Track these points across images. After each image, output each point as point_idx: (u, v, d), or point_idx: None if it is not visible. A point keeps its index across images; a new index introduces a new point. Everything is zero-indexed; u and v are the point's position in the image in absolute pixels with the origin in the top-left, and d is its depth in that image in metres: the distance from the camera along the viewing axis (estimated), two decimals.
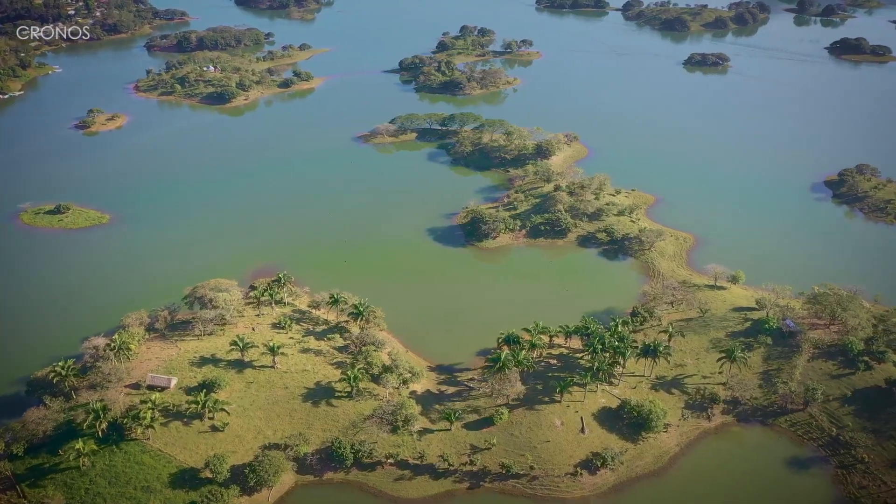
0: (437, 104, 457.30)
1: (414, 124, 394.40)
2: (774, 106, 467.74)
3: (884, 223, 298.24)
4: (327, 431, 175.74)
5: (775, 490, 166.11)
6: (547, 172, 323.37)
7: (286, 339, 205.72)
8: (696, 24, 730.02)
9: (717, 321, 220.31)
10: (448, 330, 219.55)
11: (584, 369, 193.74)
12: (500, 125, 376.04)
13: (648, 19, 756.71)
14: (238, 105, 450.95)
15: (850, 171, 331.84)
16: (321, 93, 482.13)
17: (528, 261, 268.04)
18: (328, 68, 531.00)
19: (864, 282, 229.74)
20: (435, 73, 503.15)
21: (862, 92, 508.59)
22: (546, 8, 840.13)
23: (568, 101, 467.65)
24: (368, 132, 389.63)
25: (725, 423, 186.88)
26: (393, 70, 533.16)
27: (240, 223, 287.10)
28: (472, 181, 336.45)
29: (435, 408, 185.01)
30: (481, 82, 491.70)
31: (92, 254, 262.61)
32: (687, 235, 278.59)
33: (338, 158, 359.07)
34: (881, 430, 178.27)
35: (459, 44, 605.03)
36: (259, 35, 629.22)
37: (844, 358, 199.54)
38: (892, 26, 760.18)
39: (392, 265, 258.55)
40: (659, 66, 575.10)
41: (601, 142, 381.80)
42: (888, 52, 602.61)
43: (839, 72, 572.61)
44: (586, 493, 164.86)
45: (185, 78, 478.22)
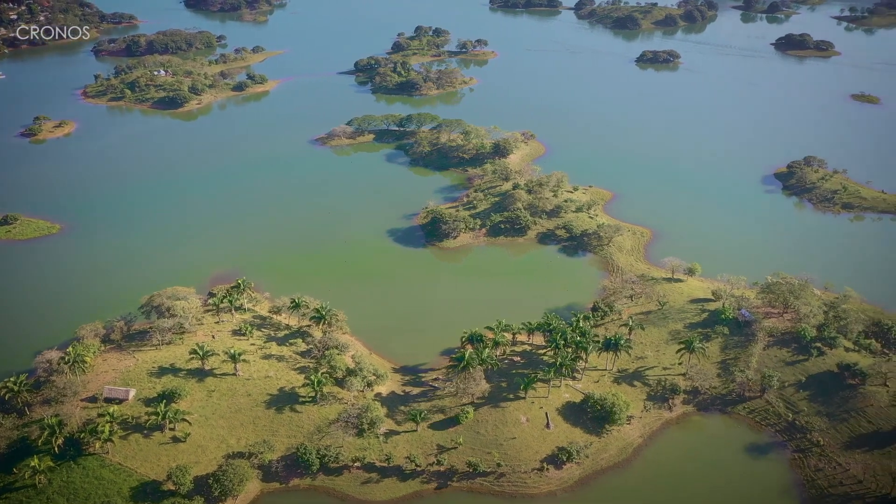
0: (394, 105, 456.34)
1: (371, 126, 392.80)
2: (724, 101, 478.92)
3: (831, 213, 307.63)
4: (292, 437, 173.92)
5: (736, 476, 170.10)
6: (505, 171, 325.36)
7: (247, 345, 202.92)
8: (646, 22, 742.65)
9: (675, 313, 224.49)
10: (411, 331, 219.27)
11: (547, 365, 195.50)
12: (457, 125, 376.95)
13: (600, 18, 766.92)
14: (191, 109, 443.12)
15: (799, 163, 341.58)
16: (276, 95, 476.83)
17: (489, 259, 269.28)
18: (283, 71, 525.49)
19: (815, 270, 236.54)
20: (391, 73, 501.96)
21: (808, 86, 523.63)
22: (500, 7, 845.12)
23: (524, 99, 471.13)
24: (325, 134, 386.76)
25: (686, 412, 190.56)
26: (348, 71, 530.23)
27: (196, 230, 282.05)
28: (430, 181, 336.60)
29: (400, 409, 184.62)
30: (437, 82, 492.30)
31: (43, 265, 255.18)
32: (644, 230, 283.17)
33: (295, 162, 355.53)
34: (834, 413, 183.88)
35: (415, 44, 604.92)
36: (211, 38, 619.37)
37: (798, 345, 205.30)
38: (834, 22, 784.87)
39: (353, 268, 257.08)
40: (612, 64, 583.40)
41: (558, 139, 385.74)
42: (831, 47, 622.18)
43: (785, 67, 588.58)
44: (553, 487, 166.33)
45: (135, 83, 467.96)
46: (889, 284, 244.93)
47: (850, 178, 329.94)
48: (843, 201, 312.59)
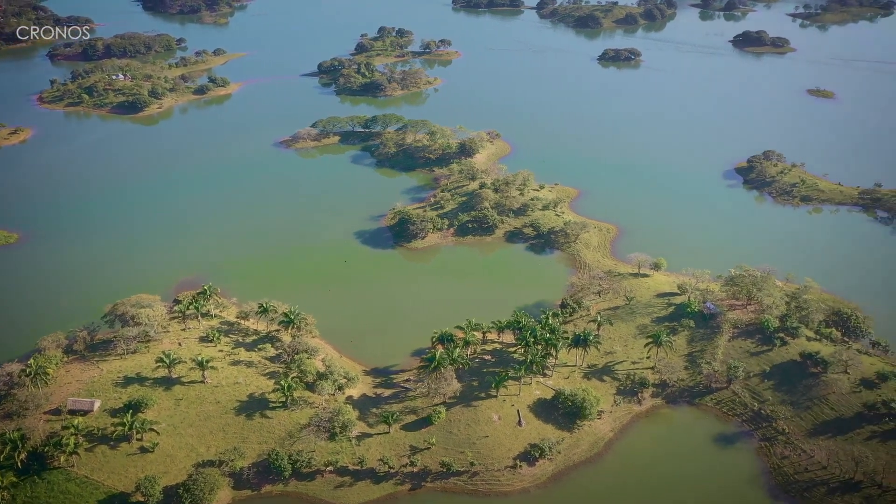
0: (359, 106, 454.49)
1: (336, 127, 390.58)
2: (685, 97, 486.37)
3: (791, 206, 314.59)
4: (263, 444, 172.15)
5: (705, 466, 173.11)
6: (471, 170, 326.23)
7: (215, 352, 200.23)
8: (607, 21, 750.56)
9: (642, 308, 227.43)
10: (381, 332, 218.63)
11: (517, 363, 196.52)
12: (422, 125, 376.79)
13: (562, 17, 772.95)
14: (151, 114, 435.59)
15: (758, 157, 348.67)
16: (239, 98, 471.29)
17: (457, 259, 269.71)
18: (245, 73, 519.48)
19: (776, 262, 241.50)
20: (355, 75, 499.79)
21: (765, 82, 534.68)
22: (462, 7, 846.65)
23: (488, 99, 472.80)
24: (290, 137, 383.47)
25: (655, 405, 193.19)
26: (312, 73, 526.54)
27: (160, 236, 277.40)
28: (397, 182, 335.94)
29: (372, 411, 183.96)
30: (402, 83, 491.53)
31: (0, 275, 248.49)
32: (610, 226, 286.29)
33: (260, 165, 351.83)
34: (798, 401, 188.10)
35: (378, 45, 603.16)
36: (170, 41, 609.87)
37: (762, 335, 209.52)
38: (789, 19, 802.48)
39: (321, 271, 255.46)
40: (574, 63, 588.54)
41: (523, 138, 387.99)
42: (787, 44, 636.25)
43: (743, 63, 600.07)
44: (526, 484, 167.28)
45: (92, 87, 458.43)
46: (847, 274, 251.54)
47: (807, 172, 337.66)
48: (802, 194, 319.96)
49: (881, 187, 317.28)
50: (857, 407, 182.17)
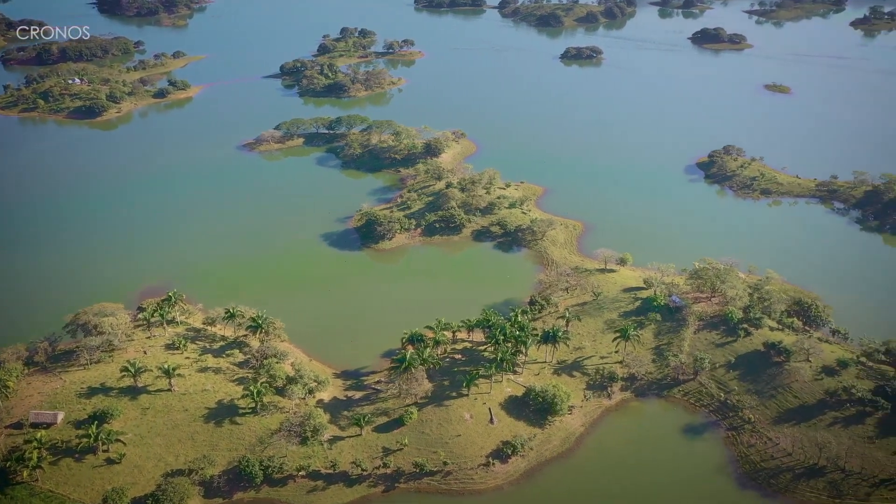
0: (323, 108, 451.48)
1: (300, 129, 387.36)
2: (647, 94, 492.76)
3: (751, 199, 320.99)
4: (233, 451, 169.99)
5: (675, 457, 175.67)
6: (437, 170, 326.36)
7: (182, 359, 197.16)
8: (569, 20, 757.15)
9: (609, 303, 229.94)
10: (351, 335, 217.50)
11: (488, 361, 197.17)
12: (387, 126, 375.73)
13: (524, 16, 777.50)
14: (110, 118, 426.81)
15: (719, 152, 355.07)
16: (200, 102, 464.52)
17: (425, 259, 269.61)
18: (206, 76, 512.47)
19: (738, 254, 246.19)
20: (318, 76, 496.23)
21: (724, 78, 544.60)
22: (425, 7, 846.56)
23: (453, 98, 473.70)
24: (253, 140, 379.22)
25: (625, 399, 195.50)
26: (274, 75, 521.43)
27: (122, 243, 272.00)
28: (363, 183, 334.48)
29: (344, 414, 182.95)
30: (366, 84, 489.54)
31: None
32: (576, 223, 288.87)
33: (223, 169, 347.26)
34: (763, 390, 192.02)
35: (341, 46, 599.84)
36: (128, 44, 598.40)
37: (726, 327, 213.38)
38: (745, 16, 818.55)
39: (288, 274, 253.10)
40: (537, 61, 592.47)
41: (488, 137, 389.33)
42: (744, 40, 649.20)
43: (702, 59, 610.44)
44: (500, 482, 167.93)
45: (48, 92, 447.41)
46: (807, 265, 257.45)
47: (766, 165, 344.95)
48: (762, 187, 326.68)
49: (837, 179, 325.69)
50: (820, 394, 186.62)
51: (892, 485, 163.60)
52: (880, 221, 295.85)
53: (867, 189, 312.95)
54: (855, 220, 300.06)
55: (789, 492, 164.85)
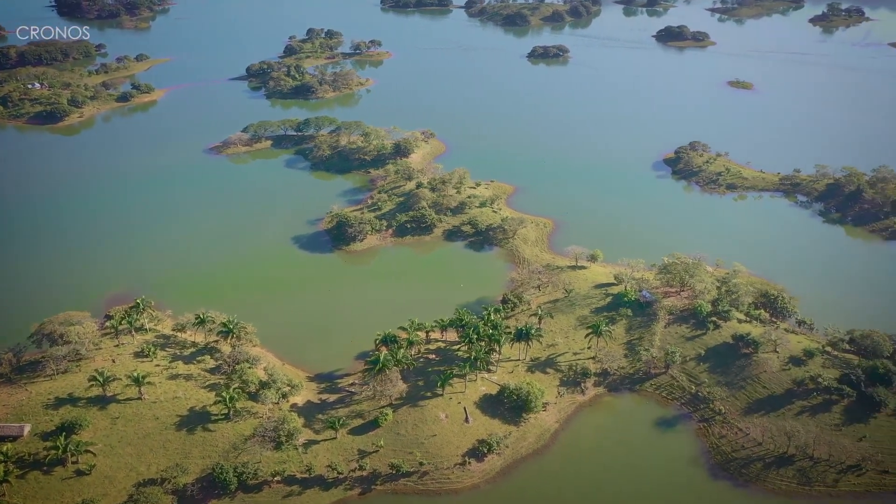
0: (291, 109, 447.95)
1: (268, 132, 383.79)
2: (613, 92, 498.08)
3: (717, 194, 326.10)
4: (207, 458, 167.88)
5: (648, 450, 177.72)
6: (408, 170, 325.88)
7: (152, 367, 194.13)
8: (535, 19, 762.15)
9: (581, 299, 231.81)
10: (324, 338, 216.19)
11: (462, 360, 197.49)
12: (356, 127, 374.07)
13: (490, 15, 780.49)
14: (72, 123, 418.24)
15: (685, 148, 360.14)
16: (165, 105, 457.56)
17: (397, 260, 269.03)
18: (170, 79, 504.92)
19: (706, 248, 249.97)
20: (285, 77, 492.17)
21: (688, 75, 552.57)
22: (391, 7, 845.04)
23: (421, 98, 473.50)
24: (220, 143, 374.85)
25: (598, 394, 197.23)
26: (240, 77, 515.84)
27: (87, 250, 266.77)
28: (333, 185, 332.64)
29: (318, 417, 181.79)
30: (333, 85, 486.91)
31: None
32: (546, 221, 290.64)
33: (190, 173, 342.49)
34: (732, 382, 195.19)
35: (307, 47, 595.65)
36: (89, 47, 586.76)
37: (696, 320, 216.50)
38: (708, 14, 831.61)
39: (259, 278, 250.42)
40: (505, 60, 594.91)
41: (457, 137, 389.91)
42: (707, 38, 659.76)
43: (667, 57, 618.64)
44: (476, 480, 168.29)
45: (7, 97, 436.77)
46: (772, 257, 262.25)
47: (731, 160, 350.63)
48: (727, 182, 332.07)
49: (800, 173, 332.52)
50: (787, 384, 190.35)
51: (859, 471, 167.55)
52: (842, 213, 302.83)
53: (829, 182, 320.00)
54: (818, 212, 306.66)
55: (760, 480, 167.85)
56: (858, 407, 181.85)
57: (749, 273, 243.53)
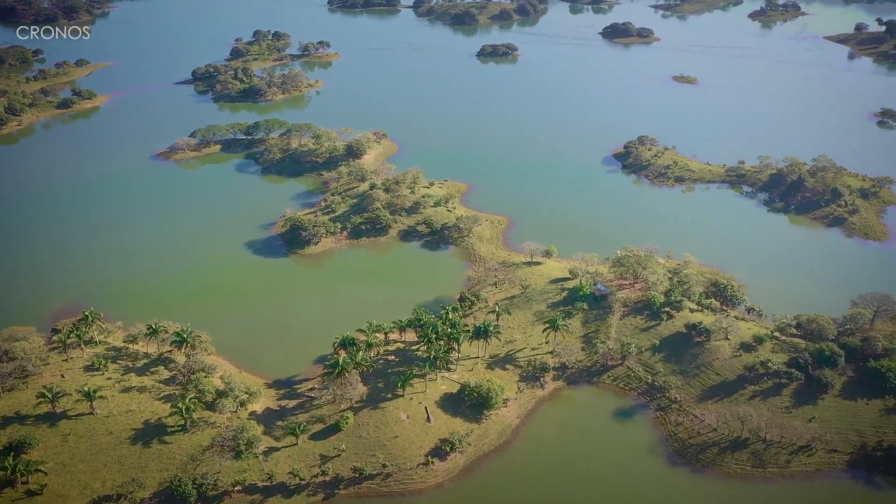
0: (239, 113, 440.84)
1: (217, 136, 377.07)
2: (562, 88, 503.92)
3: (666, 187, 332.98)
4: (164, 471, 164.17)
5: (608, 440, 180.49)
6: (361, 172, 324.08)
7: (103, 380, 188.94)
8: (483, 17, 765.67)
9: (537, 295, 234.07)
10: (281, 343, 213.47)
11: (421, 360, 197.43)
12: (307, 129, 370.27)
13: (439, 15, 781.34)
14: (10, 132, 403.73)
15: (634, 143, 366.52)
16: (108, 111, 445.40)
17: (353, 262, 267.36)
18: (112, 84, 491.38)
19: (657, 241, 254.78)
20: (232, 80, 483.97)
21: (635, 70, 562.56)
22: (339, 8, 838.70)
23: (372, 99, 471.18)
24: (167, 149, 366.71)
25: (557, 388, 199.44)
26: (186, 81, 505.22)
27: (30, 263, 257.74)
28: (285, 188, 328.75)
29: (278, 424, 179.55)
30: (282, 87, 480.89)
31: None
32: (501, 218, 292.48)
33: (136, 180, 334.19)
34: (687, 370, 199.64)
35: (254, 49, 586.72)
36: (25, 53, 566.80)
37: (649, 311, 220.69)
38: (651, 10, 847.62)
39: (212, 285, 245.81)
40: (455, 59, 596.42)
41: (409, 137, 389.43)
42: (651, 34, 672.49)
43: (613, 53, 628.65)
44: (440, 479, 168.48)
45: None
46: (721, 247, 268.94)
47: (679, 154, 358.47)
48: (675, 175, 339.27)
49: (744, 164, 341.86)
50: (739, 370, 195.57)
51: (809, 451, 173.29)
52: (785, 202, 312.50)
53: (772, 172, 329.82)
54: (762, 202, 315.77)
55: (716, 465, 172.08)
56: (807, 389, 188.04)
57: (699, 263, 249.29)
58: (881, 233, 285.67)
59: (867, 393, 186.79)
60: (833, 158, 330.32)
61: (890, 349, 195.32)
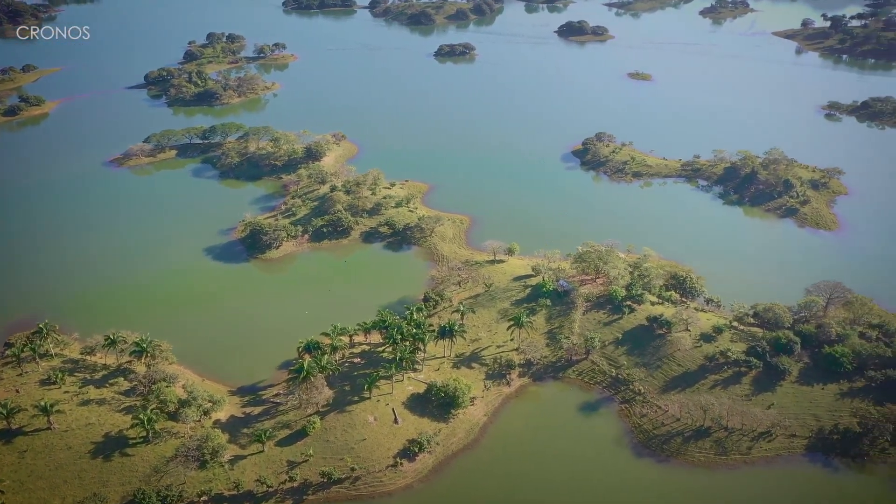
0: (195, 117, 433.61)
1: (172, 141, 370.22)
2: (520, 87, 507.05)
3: (624, 182, 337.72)
4: (127, 485, 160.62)
5: (575, 434, 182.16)
6: (320, 174, 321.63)
7: (60, 394, 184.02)
8: (440, 17, 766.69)
9: (501, 293, 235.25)
10: (244, 349, 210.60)
11: (387, 361, 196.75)
12: (265, 132, 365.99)
13: (395, 15, 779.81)
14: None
15: (591, 139, 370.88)
16: (58, 117, 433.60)
17: (315, 265, 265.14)
18: (62, 90, 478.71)
19: (617, 235, 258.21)
20: (186, 84, 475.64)
21: (591, 68, 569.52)
22: (294, 9, 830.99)
23: (330, 100, 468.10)
24: (121, 155, 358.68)
25: (523, 384, 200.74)
26: (139, 85, 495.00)
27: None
28: (244, 193, 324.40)
29: (243, 432, 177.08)
30: (238, 90, 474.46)
31: None
32: (462, 217, 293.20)
33: (89, 187, 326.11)
34: (649, 362, 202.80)
35: (208, 52, 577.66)
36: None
37: (612, 305, 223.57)
38: (605, 9, 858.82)
39: (172, 293, 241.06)
40: (412, 60, 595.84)
41: (369, 138, 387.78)
42: (606, 32, 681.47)
43: (569, 51, 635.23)
44: (409, 480, 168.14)
45: None
46: (679, 240, 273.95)
47: (636, 149, 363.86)
48: (633, 170, 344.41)
49: (699, 158, 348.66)
50: (700, 360, 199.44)
51: (769, 437, 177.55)
52: (740, 195, 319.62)
53: (726, 166, 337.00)
54: (718, 195, 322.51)
55: (681, 454, 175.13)
56: (765, 377, 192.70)
57: (659, 257, 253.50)
58: (832, 222, 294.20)
59: (822, 378, 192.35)
60: (784, 151, 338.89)
61: (843, 335, 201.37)
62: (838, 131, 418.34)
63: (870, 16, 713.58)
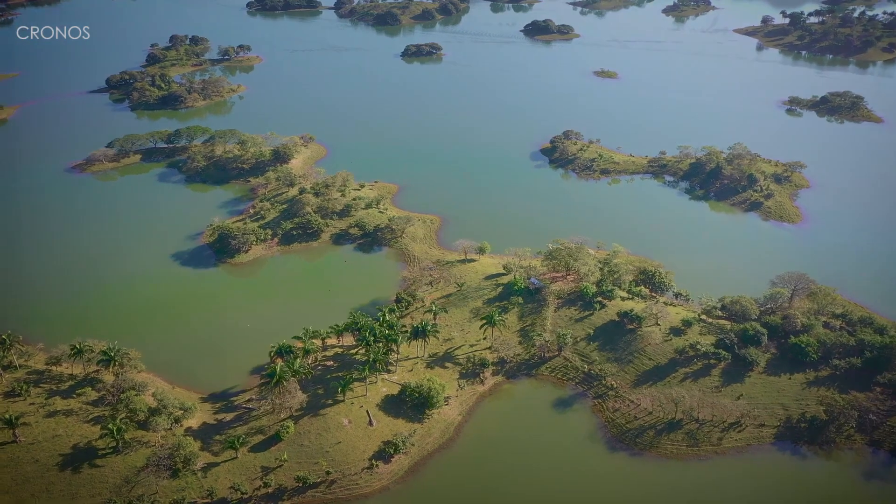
0: (159, 121, 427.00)
1: (136, 145, 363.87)
2: (488, 86, 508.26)
3: (592, 179, 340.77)
4: (97, 496, 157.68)
5: (549, 430, 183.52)
6: (289, 177, 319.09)
7: (26, 406, 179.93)
8: (406, 17, 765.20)
9: (473, 292, 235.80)
10: (215, 355, 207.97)
11: (360, 363, 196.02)
12: (231, 135, 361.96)
13: (361, 16, 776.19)
14: None
15: (559, 137, 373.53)
16: (16, 124, 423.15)
17: (285, 268, 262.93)
18: (19, 95, 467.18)
19: (586, 232, 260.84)
20: (150, 87, 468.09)
21: (557, 66, 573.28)
22: (258, 11, 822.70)
23: (297, 102, 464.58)
24: (83, 160, 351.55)
25: (497, 383, 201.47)
26: (100, 89, 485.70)
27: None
28: (212, 196, 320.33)
29: (216, 439, 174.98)
30: (203, 93, 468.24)
31: None
32: (433, 217, 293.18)
33: (50, 194, 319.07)
34: (621, 357, 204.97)
35: (172, 55, 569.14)
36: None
37: (583, 302, 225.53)
38: (570, 7, 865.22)
39: (140, 300, 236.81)
40: (379, 60, 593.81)
41: (337, 139, 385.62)
42: (571, 30, 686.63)
43: (535, 50, 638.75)
44: (385, 482, 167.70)
45: None
46: (647, 235, 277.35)
47: (603, 147, 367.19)
48: (601, 168, 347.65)
49: (665, 155, 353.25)
50: (670, 353, 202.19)
51: (739, 427, 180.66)
52: (705, 190, 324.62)
53: (691, 161, 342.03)
54: (684, 190, 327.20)
55: (654, 447, 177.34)
56: (734, 368, 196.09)
57: (628, 252, 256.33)
58: (795, 215, 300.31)
59: (789, 368, 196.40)
60: (747, 146, 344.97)
61: (808, 325, 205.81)
62: (799, 126, 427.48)
63: (827, 13, 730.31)
